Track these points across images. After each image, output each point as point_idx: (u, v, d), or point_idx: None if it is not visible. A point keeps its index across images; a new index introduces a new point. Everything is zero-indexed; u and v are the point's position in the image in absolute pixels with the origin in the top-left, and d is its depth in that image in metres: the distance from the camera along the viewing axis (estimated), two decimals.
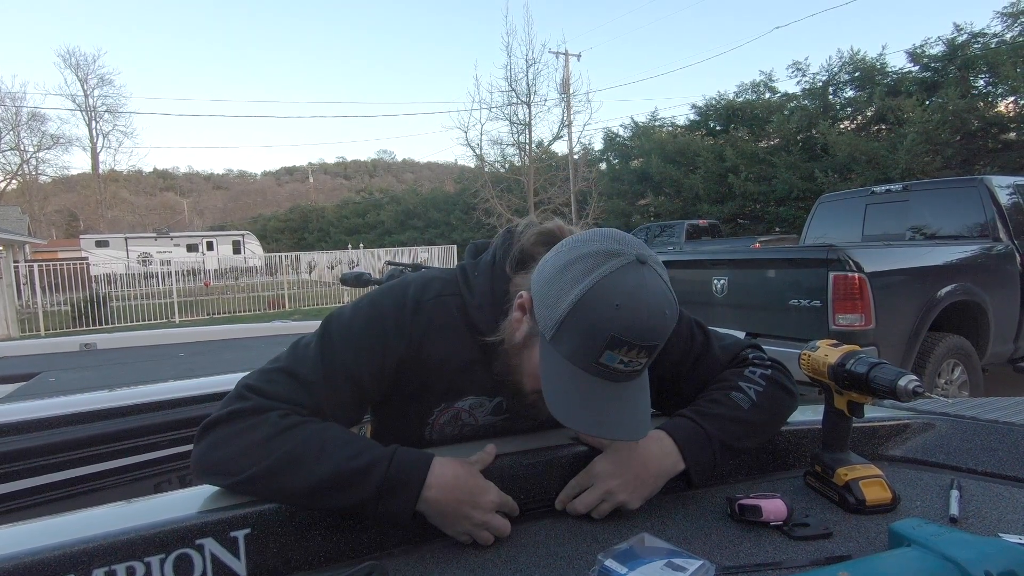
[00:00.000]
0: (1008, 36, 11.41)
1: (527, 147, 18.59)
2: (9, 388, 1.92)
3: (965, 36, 11.89)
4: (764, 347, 1.03)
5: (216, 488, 0.76)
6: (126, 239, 29.19)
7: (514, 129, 18.60)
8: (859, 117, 13.92)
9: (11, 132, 34.48)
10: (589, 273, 0.72)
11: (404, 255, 17.66)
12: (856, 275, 3.47)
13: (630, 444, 0.84)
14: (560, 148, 20.80)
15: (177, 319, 13.25)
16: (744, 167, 14.48)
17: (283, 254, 19.15)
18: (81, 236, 30.83)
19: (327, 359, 0.82)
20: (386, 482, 0.72)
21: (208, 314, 13.85)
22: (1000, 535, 0.73)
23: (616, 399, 0.75)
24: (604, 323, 0.71)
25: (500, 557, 0.73)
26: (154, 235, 30.90)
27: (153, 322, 12.91)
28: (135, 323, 12.68)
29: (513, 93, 17.77)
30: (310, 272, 18.58)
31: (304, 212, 41.40)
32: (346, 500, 0.72)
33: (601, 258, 0.73)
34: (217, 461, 0.74)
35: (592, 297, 0.72)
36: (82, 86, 36.67)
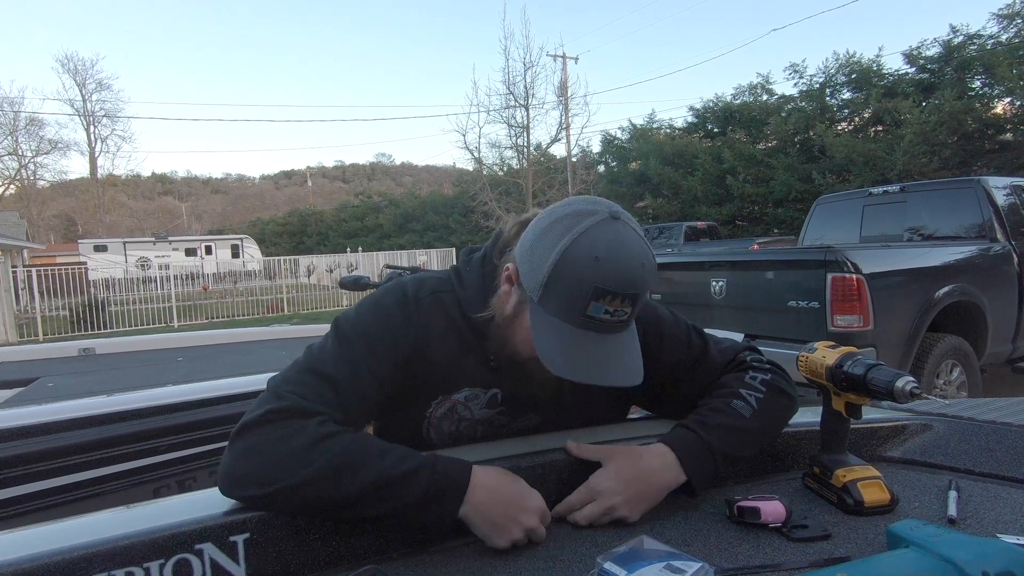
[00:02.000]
0: (1004, 37, 11.45)
1: (525, 150, 18.64)
2: (8, 393, 1.92)
3: (961, 38, 11.93)
4: (762, 349, 1.03)
5: (215, 493, 0.74)
6: (124, 243, 29.18)
7: (512, 132, 18.67)
8: (856, 119, 13.95)
9: (9, 137, 34.46)
10: (567, 232, 0.77)
11: (403, 258, 17.65)
12: (854, 276, 3.47)
13: (633, 458, 0.84)
14: (558, 151, 20.89)
15: (176, 323, 13.23)
16: (742, 169, 14.51)
17: (282, 258, 19.16)
18: (79, 241, 30.81)
19: (348, 358, 0.83)
20: (432, 486, 0.73)
21: (207, 318, 13.83)
22: (998, 536, 0.73)
23: (607, 349, 0.79)
24: (586, 276, 0.75)
25: (500, 561, 0.73)
26: (152, 239, 30.89)
27: (152, 326, 12.90)
28: (134, 328, 12.66)
29: (511, 96, 17.85)
30: (309, 276, 18.57)
31: (303, 216, 41.38)
32: (390, 507, 0.72)
33: (577, 218, 0.79)
34: (249, 472, 0.72)
35: (572, 253, 0.76)
36: (80, 91, 36.71)
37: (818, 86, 14.15)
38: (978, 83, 11.88)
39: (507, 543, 0.74)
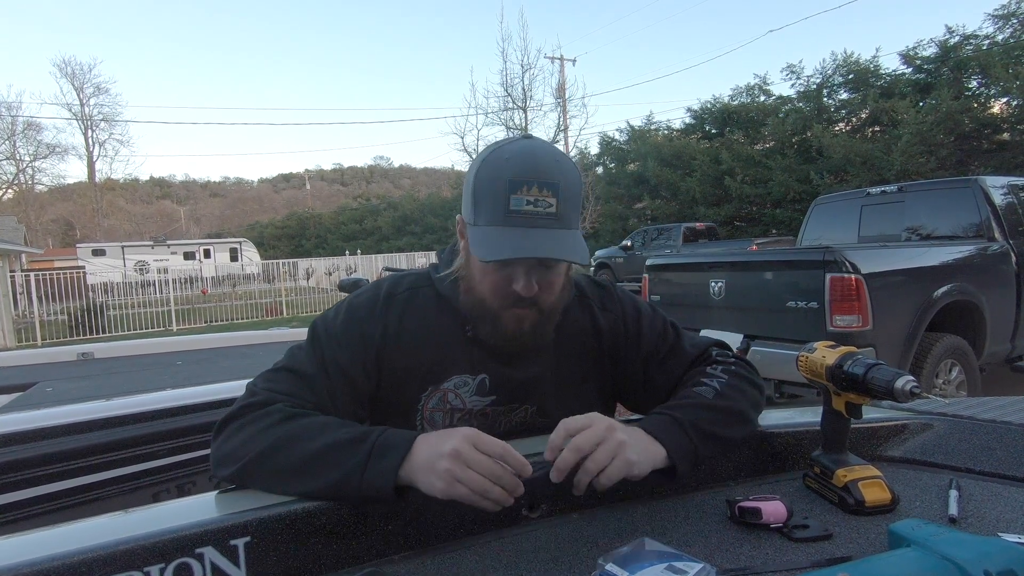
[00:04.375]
0: (1000, 38, 11.51)
1: None
2: (7, 398, 1.92)
3: (957, 38, 11.99)
4: (762, 349, 1.04)
5: (216, 496, 0.76)
6: (123, 248, 29.20)
7: (510, 134, 18.64)
8: (853, 119, 14.01)
9: (7, 142, 34.45)
10: (483, 154, 0.87)
11: (402, 261, 17.66)
12: (853, 276, 3.48)
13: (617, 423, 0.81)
14: None
15: (174, 327, 13.22)
16: (740, 170, 14.54)
17: (280, 261, 19.14)
18: (78, 245, 30.85)
19: (318, 356, 0.89)
20: (377, 446, 0.74)
21: (205, 322, 13.82)
22: (999, 534, 0.73)
23: (540, 236, 0.81)
24: (501, 174, 0.82)
25: (500, 562, 0.73)
26: (151, 243, 30.92)
27: (150, 331, 12.87)
28: (132, 332, 12.64)
29: (509, 98, 17.85)
30: (308, 279, 18.57)
31: (301, 219, 41.42)
32: (339, 474, 0.73)
33: (492, 144, 0.90)
34: (228, 451, 0.79)
35: (488, 163, 0.85)
36: (78, 95, 36.71)
37: (815, 87, 14.20)
38: (975, 83, 11.93)
39: (445, 482, 0.70)
